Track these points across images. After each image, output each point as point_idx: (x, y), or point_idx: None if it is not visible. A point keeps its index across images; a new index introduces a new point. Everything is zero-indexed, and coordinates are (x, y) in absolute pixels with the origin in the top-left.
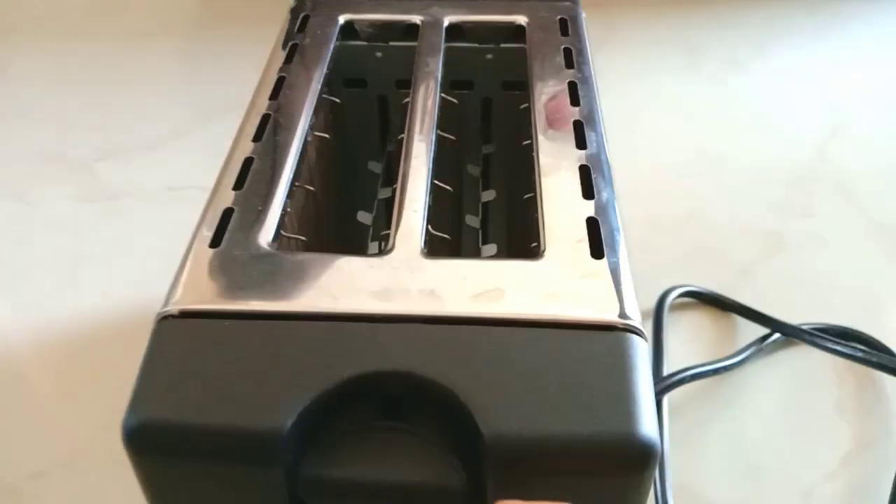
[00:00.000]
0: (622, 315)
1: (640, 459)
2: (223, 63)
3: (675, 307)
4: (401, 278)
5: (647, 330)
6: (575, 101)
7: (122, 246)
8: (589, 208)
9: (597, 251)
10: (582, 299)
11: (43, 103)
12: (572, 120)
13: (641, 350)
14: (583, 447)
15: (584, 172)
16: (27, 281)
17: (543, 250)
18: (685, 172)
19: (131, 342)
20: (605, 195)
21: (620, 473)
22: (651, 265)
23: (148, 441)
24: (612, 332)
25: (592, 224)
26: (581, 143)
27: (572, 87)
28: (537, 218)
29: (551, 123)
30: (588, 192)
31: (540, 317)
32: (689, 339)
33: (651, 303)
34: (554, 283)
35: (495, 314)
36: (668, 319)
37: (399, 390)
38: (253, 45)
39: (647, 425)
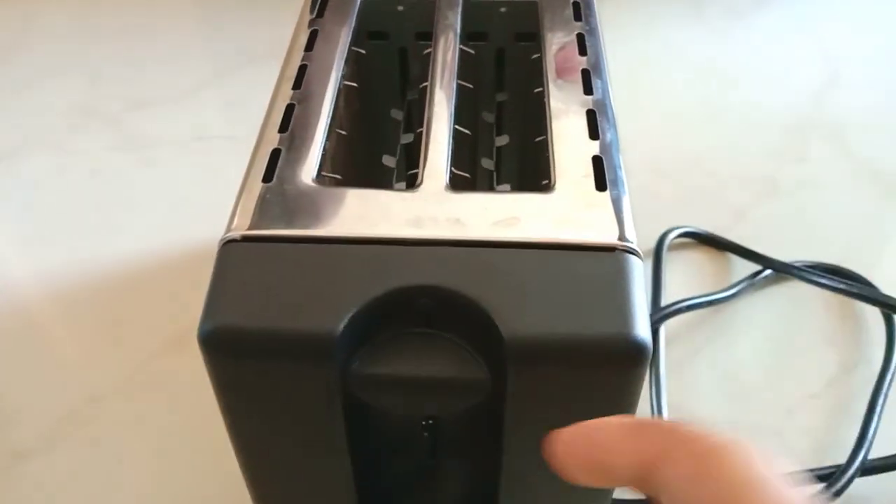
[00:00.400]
0: (621, 238)
1: (634, 355)
2: (241, 16)
3: (674, 246)
4: (430, 209)
5: (648, 266)
6: (583, 51)
7: (158, 193)
8: (594, 148)
9: (600, 185)
10: (587, 225)
11: (68, 57)
12: (580, 69)
13: (637, 267)
14: (587, 345)
15: (591, 116)
16: (70, 225)
17: (554, 184)
18: (687, 120)
19: (171, 279)
20: (608, 136)
21: (618, 367)
22: (653, 208)
23: (221, 344)
24: (613, 253)
25: (597, 161)
26: (588, 90)
27: (580, 38)
28: (548, 157)
29: (561, 72)
30: (594, 133)
31: (551, 240)
32: (687, 276)
33: (652, 242)
34: (563, 213)
35: (512, 238)
36: (668, 257)
37: (431, 302)
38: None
39: (640, 327)
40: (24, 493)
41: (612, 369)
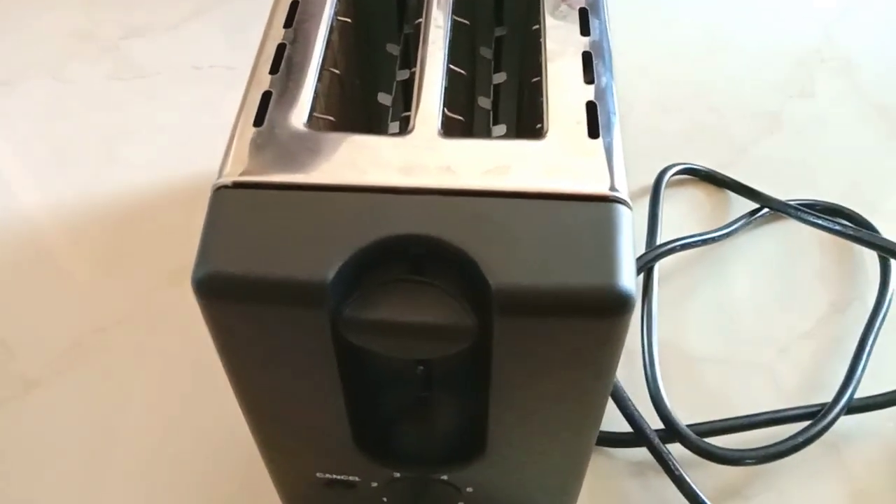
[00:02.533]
0: (612, 188)
1: (617, 305)
2: None
3: (673, 183)
4: (420, 156)
5: (646, 204)
6: None
7: (157, 122)
8: (589, 93)
9: (593, 132)
10: (578, 174)
11: None
12: (578, 7)
13: (626, 218)
14: (571, 295)
15: (587, 58)
16: (69, 156)
17: (546, 131)
18: (693, 52)
19: (172, 211)
20: (604, 80)
21: (601, 317)
22: (654, 143)
23: (214, 289)
24: (603, 203)
25: (591, 107)
26: (585, 31)
27: None
28: (542, 101)
29: (558, 10)
30: (589, 77)
31: (541, 189)
32: (685, 213)
33: (651, 178)
34: (554, 161)
35: (502, 187)
36: (666, 194)
37: (421, 250)
38: None
39: (625, 278)
40: (35, 419)
41: (596, 319)
